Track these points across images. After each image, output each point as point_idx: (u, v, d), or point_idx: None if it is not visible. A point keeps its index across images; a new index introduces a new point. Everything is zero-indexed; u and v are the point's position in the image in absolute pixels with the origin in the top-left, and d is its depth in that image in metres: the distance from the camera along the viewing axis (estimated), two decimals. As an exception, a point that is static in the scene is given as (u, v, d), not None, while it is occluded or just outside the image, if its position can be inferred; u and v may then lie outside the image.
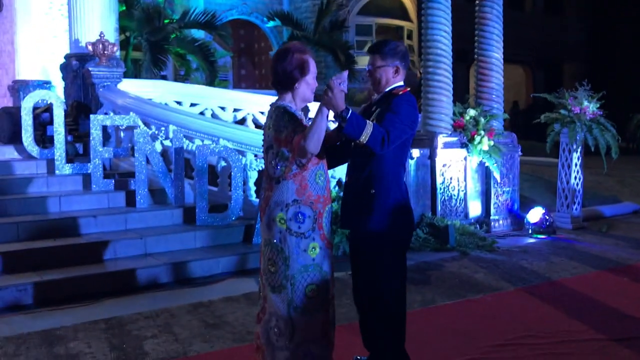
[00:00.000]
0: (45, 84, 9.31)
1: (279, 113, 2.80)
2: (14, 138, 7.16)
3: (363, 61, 12.62)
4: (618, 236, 7.08)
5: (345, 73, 2.79)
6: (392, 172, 2.98)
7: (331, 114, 2.81)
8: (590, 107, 7.28)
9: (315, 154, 2.75)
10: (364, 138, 2.77)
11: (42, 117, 7.19)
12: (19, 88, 9.45)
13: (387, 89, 3.06)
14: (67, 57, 8.37)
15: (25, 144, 6.71)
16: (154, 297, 4.68)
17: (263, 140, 2.99)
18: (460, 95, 7.43)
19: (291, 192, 2.79)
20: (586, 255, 6.09)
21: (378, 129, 2.81)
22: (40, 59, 9.72)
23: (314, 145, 2.69)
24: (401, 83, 3.09)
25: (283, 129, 2.76)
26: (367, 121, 2.82)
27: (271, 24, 15.78)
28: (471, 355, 3.54)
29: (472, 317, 4.29)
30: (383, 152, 2.85)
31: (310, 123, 2.74)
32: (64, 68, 8.44)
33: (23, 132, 6.69)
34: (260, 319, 2.91)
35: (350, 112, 2.74)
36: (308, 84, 2.84)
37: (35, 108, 6.95)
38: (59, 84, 8.96)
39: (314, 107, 3.04)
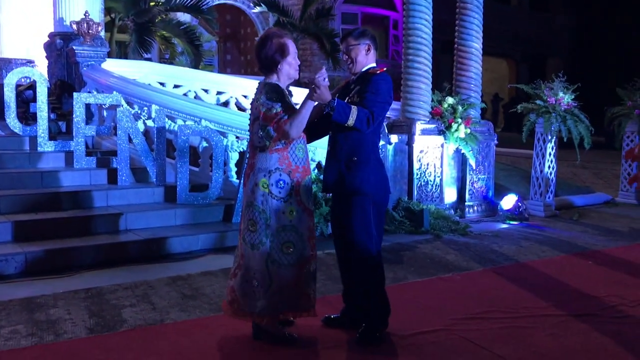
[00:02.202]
0: (28, 63, 9.29)
1: (269, 89, 3.13)
2: (-4, 115, 7.17)
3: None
4: (588, 224, 7.31)
5: (324, 69, 3.20)
6: (370, 141, 3.35)
7: None
8: (565, 98, 7.47)
9: (295, 138, 3.18)
10: (351, 121, 3.15)
11: (25, 94, 7.23)
12: (2, 66, 9.42)
13: (364, 69, 3.37)
14: (51, 35, 8.38)
15: (7, 120, 6.74)
16: (133, 270, 4.79)
17: (250, 112, 3.31)
18: (445, 86, 7.55)
19: (274, 160, 3.17)
20: (555, 241, 6.31)
21: (362, 111, 3.16)
22: (23, 37, 9.69)
23: (296, 132, 3.13)
24: (374, 64, 3.39)
25: (273, 106, 3.09)
26: (352, 106, 3.16)
27: (257, 9, 15.80)
28: (438, 326, 3.72)
29: (440, 293, 4.47)
30: (369, 130, 3.22)
31: (296, 111, 3.11)
32: (47, 47, 8.45)
33: (6, 108, 6.71)
34: (236, 274, 3.25)
35: (336, 101, 3.14)
36: (290, 64, 3.22)
37: (18, 85, 6.97)
38: (42, 63, 8.96)
39: (296, 91, 3.42)
